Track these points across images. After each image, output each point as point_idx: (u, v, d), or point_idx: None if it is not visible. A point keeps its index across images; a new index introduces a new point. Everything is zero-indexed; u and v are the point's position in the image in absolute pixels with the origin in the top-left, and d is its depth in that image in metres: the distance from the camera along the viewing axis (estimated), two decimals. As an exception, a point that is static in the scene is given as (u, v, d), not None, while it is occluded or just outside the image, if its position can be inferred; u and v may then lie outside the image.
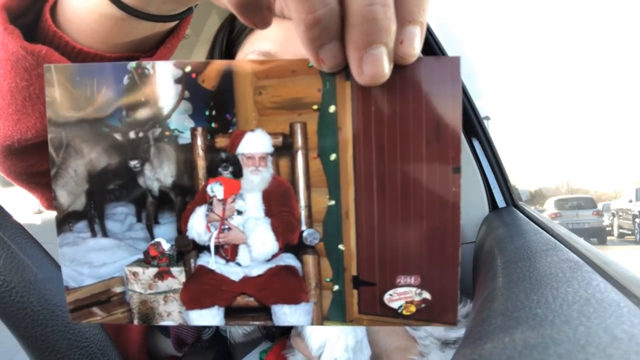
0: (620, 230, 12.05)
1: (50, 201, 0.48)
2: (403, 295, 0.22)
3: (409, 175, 0.21)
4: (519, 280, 0.33)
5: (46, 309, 0.36)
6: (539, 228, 0.54)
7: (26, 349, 0.36)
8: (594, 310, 0.22)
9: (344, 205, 0.22)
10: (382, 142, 0.21)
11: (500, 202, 0.84)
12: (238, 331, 0.53)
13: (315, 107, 0.22)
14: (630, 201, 11.38)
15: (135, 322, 0.24)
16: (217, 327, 0.58)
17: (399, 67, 0.20)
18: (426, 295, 0.22)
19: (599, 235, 11.29)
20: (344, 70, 0.21)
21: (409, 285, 0.22)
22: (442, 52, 0.86)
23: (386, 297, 0.22)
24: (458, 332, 0.49)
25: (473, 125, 0.86)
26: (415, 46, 0.20)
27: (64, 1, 0.35)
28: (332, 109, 0.22)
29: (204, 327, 0.59)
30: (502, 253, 0.47)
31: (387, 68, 0.19)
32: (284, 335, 0.54)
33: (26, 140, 0.38)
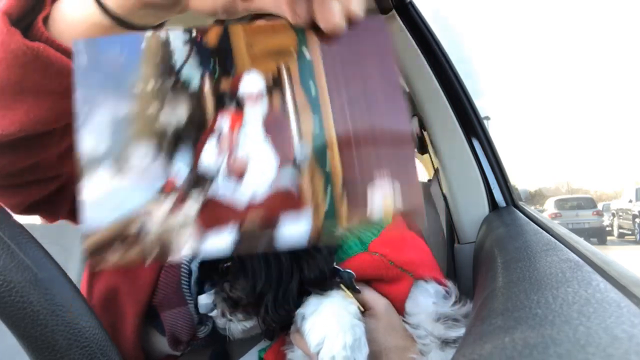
0: (620, 230, 12.05)
1: (18, 207, 0.48)
2: (381, 189, 0.27)
3: (371, 99, 0.29)
4: (519, 280, 0.33)
5: (46, 309, 0.36)
6: (539, 228, 0.54)
7: (26, 349, 0.36)
8: (594, 310, 0.22)
9: (327, 126, 0.28)
10: (347, 77, 0.29)
11: (500, 202, 0.84)
12: (237, 327, 0.53)
13: (294, 54, 0.29)
14: (630, 201, 11.39)
15: (149, 261, 0.26)
16: (213, 326, 0.58)
17: (350, 24, 0.28)
18: (399, 205, 0.27)
19: (599, 235, 11.29)
20: (313, 27, 0.28)
21: (383, 176, 0.28)
22: (441, 51, 0.86)
23: (368, 194, 0.27)
24: (458, 332, 0.49)
25: (473, 125, 0.85)
26: (355, 3, 0.28)
27: (57, 12, 0.38)
28: (307, 54, 0.29)
29: (200, 325, 0.59)
30: (502, 253, 0.47)
31: (341, 19, 0.27)
32: (284, 331, 0.54)
33: (7, 135, 0.39)
